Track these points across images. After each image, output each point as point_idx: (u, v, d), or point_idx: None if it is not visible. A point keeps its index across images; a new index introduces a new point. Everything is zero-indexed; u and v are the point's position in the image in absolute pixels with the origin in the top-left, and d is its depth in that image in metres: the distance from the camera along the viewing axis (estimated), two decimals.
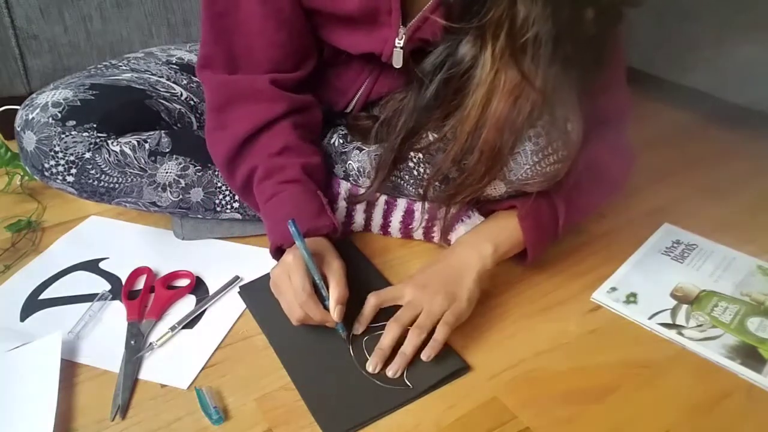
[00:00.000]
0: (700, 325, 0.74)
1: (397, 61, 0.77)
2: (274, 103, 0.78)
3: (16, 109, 0.77)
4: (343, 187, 0.87)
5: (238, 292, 0.79)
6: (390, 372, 0.65)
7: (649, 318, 0.75)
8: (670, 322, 0.75)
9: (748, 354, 0.70)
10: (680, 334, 0.73)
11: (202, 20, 0.76)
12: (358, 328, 0.70)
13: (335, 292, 0.67)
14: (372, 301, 0.71)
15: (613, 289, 0.80)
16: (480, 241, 0.76)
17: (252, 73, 0.78)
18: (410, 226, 0.88)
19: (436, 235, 0.87)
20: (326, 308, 0.67)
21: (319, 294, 0.68)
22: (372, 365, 0.66)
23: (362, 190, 0.86)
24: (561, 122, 0.68)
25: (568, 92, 0.66)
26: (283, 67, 0.79)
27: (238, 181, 0.79)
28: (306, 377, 0.66)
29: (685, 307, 0.77)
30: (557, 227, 0.77)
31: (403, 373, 0.66)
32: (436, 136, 0.75)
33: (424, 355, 0.66)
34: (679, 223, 0.93)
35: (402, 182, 0.84)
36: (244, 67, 0.78)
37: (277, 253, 0.75)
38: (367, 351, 0.68)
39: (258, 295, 0.77)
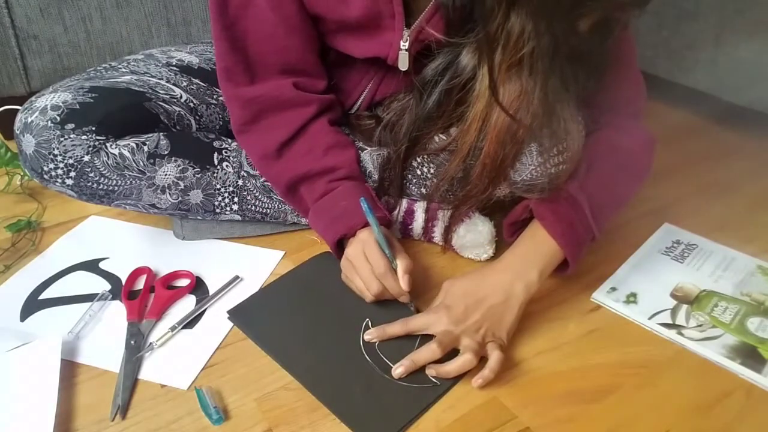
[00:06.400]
0: (700, 325, 0.74)
1: (403, 64, 0.78)
2: (304, 107, 0.80)
3: (16, 109, 0.77)
4: None
5: (228, 318, 0.75)
6: (430, 372, 0.66)
7: (649, 318, 0.75)
8: (670, 322, 0.75)
9: (748, 354, 0.70)
10: (680, 334, 0.73)
11: (213, 33, 0.77)
12: (374, 338, 0.70)
13: (403, 263, 0.72)
14: (398, 328, 0.70)
15: (613, 289, 0.80)
16: (523, 264, 0.71)
17: (270, 77, 0.79)
18: (410, 226, 0.87)
19: (437, 236, 0.87)
20: None
21: None
22: (398, 373, 0.65)
23: None
24: (564, 124, 0.68)
25: (568, 98, 0.66)
26: (298, 70, 0.80)
27: (283, 185, 0.81)
28: (332, 394, 0.64)
29: (685, 307, 0.77)
30: (585, 218, 0.72)
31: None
32: (443, 138, 0.75)
33: (476, 384, 0.64)
34: (679, 223, 0.93)
35: (405, 182, 0.84)
36: (262, 72, 0.79)
37: (338, 247, 0.77)
38: (382, 354, 0.68)
39: (251, 316, 0.75)
